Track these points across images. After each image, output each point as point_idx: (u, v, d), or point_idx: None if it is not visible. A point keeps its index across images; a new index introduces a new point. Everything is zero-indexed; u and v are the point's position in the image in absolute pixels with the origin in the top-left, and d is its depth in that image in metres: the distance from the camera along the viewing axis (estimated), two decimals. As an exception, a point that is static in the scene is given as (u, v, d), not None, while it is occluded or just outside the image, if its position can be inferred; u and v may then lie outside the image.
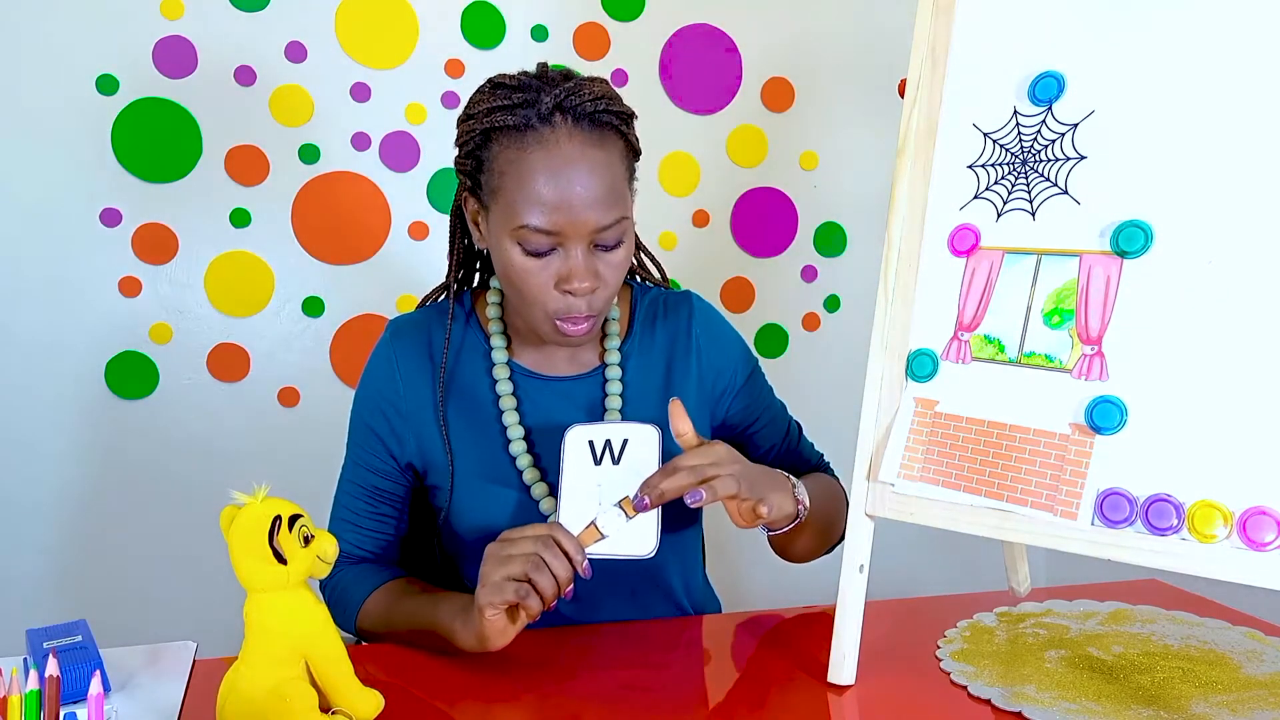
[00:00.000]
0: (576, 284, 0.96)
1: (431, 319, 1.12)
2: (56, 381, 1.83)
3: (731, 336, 1.18)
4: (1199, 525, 0.73)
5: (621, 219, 0.97)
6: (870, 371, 0.92)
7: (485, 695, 0.89)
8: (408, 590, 1.04)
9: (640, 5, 2.03)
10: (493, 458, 1.07)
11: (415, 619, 0.99)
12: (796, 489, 0.97)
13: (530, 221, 0.94)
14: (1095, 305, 0.80)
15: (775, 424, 1.18)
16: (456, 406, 1.08)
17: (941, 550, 2.22)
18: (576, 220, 0.94)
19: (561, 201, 0.94)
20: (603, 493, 0.90)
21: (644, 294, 1.17)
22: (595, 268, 0.97)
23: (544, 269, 0.96)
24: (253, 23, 1.86)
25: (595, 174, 0.95)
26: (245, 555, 0.75)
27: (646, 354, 1.12)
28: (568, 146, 0.94)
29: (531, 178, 0.94)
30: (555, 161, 0.94)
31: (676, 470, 0.88)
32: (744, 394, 1.16)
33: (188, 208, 1.85)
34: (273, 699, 0.75)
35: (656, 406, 1.09)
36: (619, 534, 0.88)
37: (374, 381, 1.11)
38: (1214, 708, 0.85)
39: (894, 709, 0.87)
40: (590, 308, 0.98)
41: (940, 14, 0.91)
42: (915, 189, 0.91)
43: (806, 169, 2.15)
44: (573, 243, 0.96)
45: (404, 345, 1.10)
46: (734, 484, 0.88)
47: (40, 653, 0.87)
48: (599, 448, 0.91)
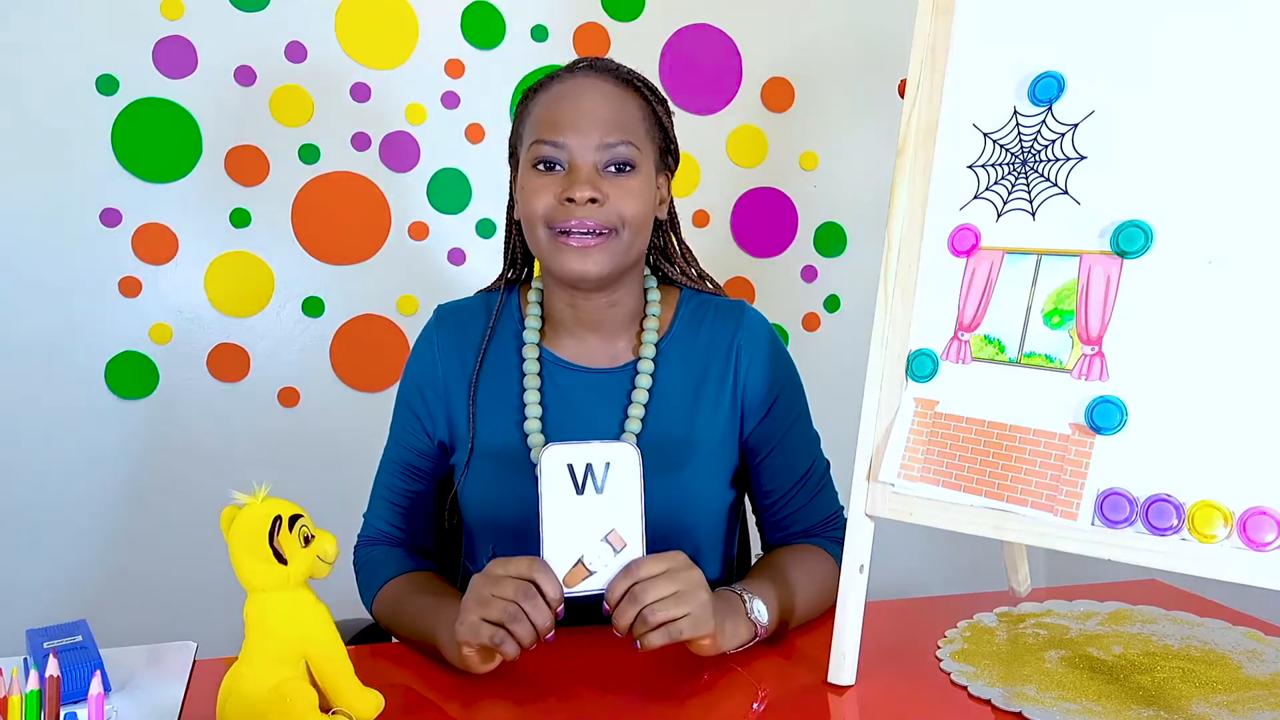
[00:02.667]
0: (577, 191, 0.99)
1: (476, 305, 1.16)
2: (56, 381, 1.83)
3: (774, 360, 1.13)
4: (1199, 525, 0.73)
5: (629, 144, 1.02)
6: (870, 371, 0.91)
7: (485, 695, 0.89)
8: (422, 589, 1.05)
9: (640, 5, 2.03)
10: (508, 441, 1.08)
11: (416, 622, 1.00)
12: (752, 611, 0.94)
13: (541, 134, 1.02)
14: (1095, 305, 0.80)
15: (787, 469, 1.12)
16: (487, 389, 1.10)
17: (941, 550, 2.22)
18: (583, 131, 1.01)
19: (567, 115, 1.01)
20: (587, 522, 0.86)
21: (692, 297, 1.16)
22: (600, 184, 1.01)
23: (549, 185, 1.01)
24: (253, 23, 1.86)
25: (605, 99, 1.03)
26: (245, 555, 0.75)
27: (684, 356, 1.11)
28: (585, 78, 1.04)
29: (547, 101, 1.04)
30: (568, 87, 1.04)
31: (633, 601, 0.85)
32: (764, 424, 1.12)
33: (188, 208, 1.86)
34: (273, 699, 0.75)
35: (683, 410, 1.09)
36: (607, 569, 0.86)
37: (416, 363, 1.14)
38: (1214, 708, 0.85)
39: (894, 709, 0.87)
40: (598, 220, 1.00)
41: (940, 14, 0.91)
42: (915, 189, 0.91)
43: (806, 169, 2.15)
44: (579, 156, 1.01)
45: (446, 329, 1.14)
46: (664, 637, 0.84)
47: (40, 653, 0.87)
48: (579, 473, 0.87)
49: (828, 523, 1.14)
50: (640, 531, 0.87)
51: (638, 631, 0.85)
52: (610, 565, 0.86)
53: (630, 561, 0.86)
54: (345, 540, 0.86)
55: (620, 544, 0.87)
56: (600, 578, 0.86)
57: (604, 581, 0.86)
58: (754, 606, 0.95)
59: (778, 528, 1.14)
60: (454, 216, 1.98)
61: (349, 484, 1.52)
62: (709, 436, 1.10)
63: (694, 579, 0.88)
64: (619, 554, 0.86)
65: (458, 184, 1.97)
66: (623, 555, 0.87)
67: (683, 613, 0.85)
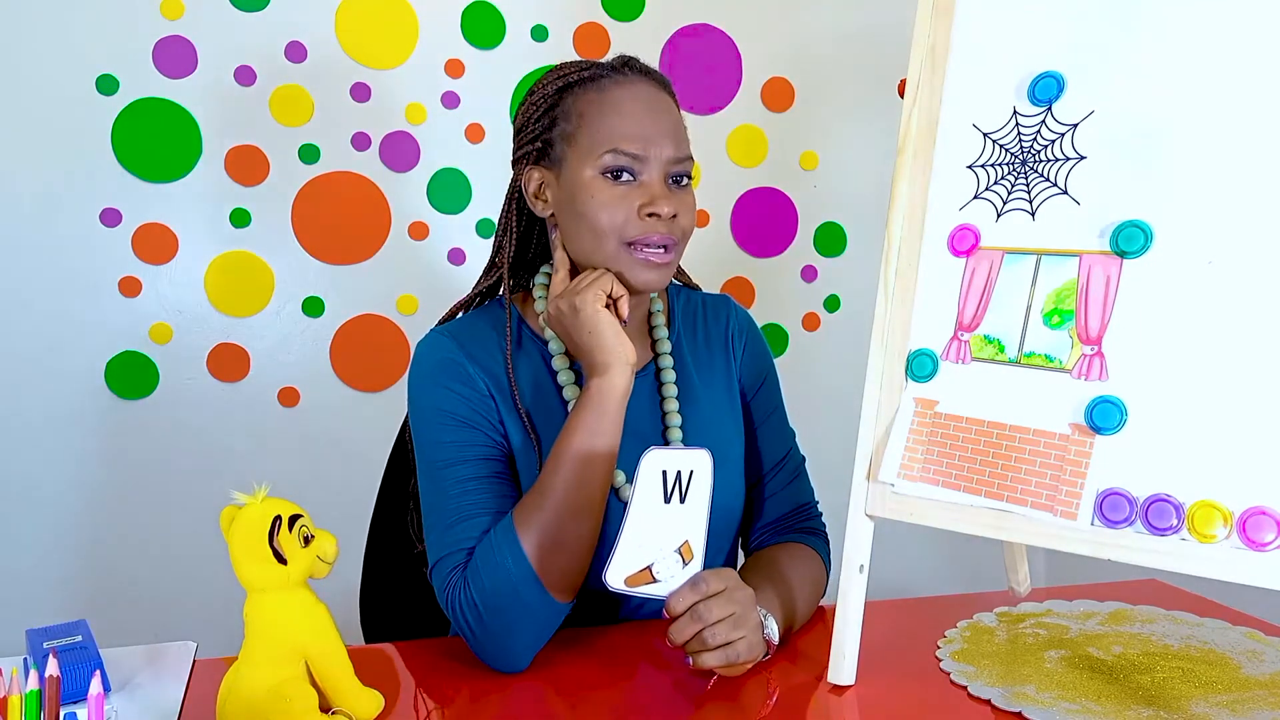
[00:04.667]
0: (662, 206, 0.98)
1: (479, 324, 1.07)
2: (56, 381, 1.83)
3: (761, 347, 1.18)
4: (1199, 525, 0.73)
5: (690, 158, 1.03)
6: (870, 371, 0.91)
7: (486, 695, 0.89)
8: (529, 494, 0.96)
9: (640, 5, 2.03)
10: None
11: (557, 471, 0.93)
12: (766, 629, 0.93)
13: (617, 144, 0.98)
14: (1095, 305, 0.80)
15: (767, 451, 1.14)
16: (529, 405, 1.04)
17: (941, 550, 2.22)
18: (658, 144, 0.99)
19: (643, 127, 0.99)
20: (666, 531, 0.86)
21: (679, 292, 1.17)
22: (671, 198, 0.99)
23: (624, 197, 0.98)
24: (253, 23, 1.86)
25: (668, 112, 1.03)
26: (245, 555, 0.75)
27: (692, 351, 1.12)
28: (643, 85, 1.02)
29: (615, 107, 1.00)
30: (636, 93, 1.01)
31: (695, 619, 0.85)
32: (751, 406, 1.15)
33: (188, 208, 1.86)
34: (273, 699, 0.75)
35: (708, 404, 1.10)
36: (673, 580, 0.86)
37: (455, 381, 1.02)
38: (1214, 708, 0.85)
39: (894, 709, 0.87)
40: (671, 233, 1.00)
41: (940, 14, 0.91)
42: (915, 189, 0.91)
43: (806, 169, 2.15)
44: (652, 169, 0.99)
45: (468, 348, 1.04)
46: (721, 659, 0.86)
47: (40, 653, 0.87)
48: (670, 479, 0.86)
49: (801, 511, 1.15)
50: (704, 543, 0.87)
51: (693, 649, 0.86)
52: (675, 577, 0.86)
53: (695, 576, 0.86)
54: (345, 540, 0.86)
55: (689, 556, 0.86)
56: (663, 587, 0.86)
57: (665, 591, 0.86)
58: (768, 624, 0.94)
59: (754, 513, 1.14)
60: (454, 216, 1.98)
61: (349, 484, 1.53)
62: (736, 428, 1.12)
63: (748, 599, 0.89)
64: (685, 567, 0.86)
65: (458, 184, 1.97)
66: (688, 569, 0.86)
67: (739, 635, 0.86)
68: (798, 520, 1.14)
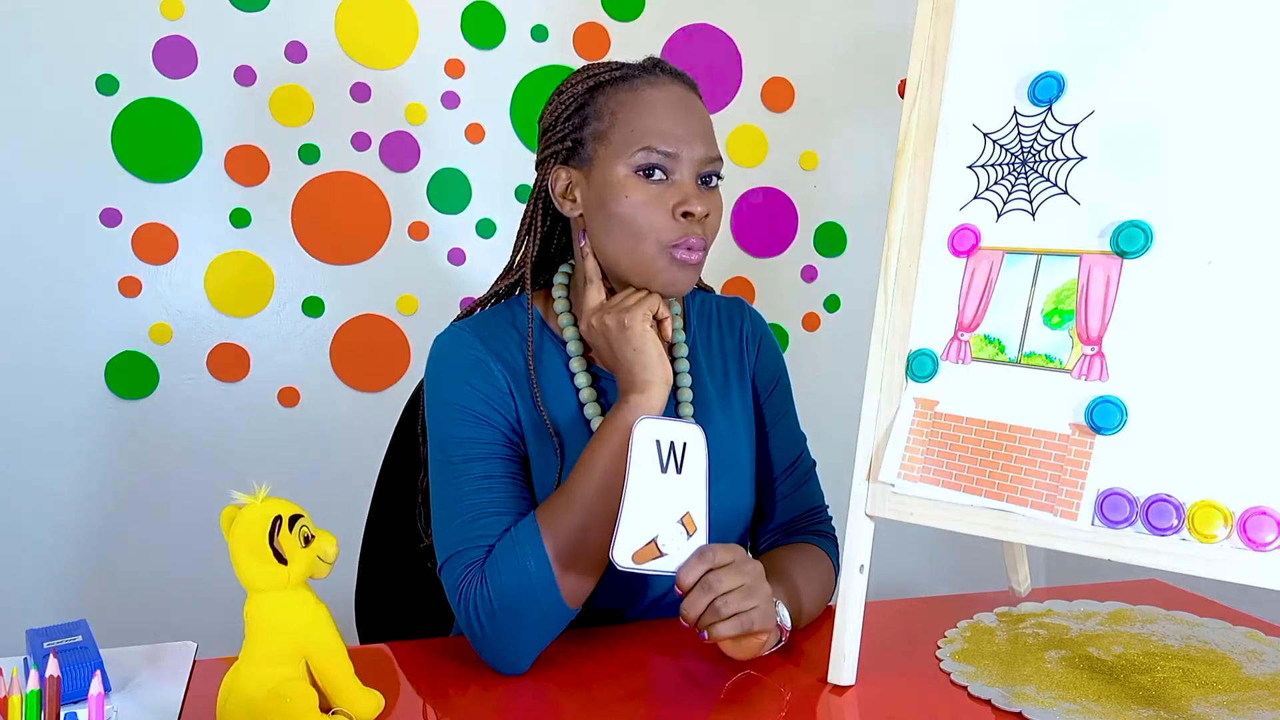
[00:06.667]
0: (697, 206, 0.98)
1: (494, 319, 1.07)
2: (56, 381, 1.83)
3: (775, 351, 1.19)
4: (1199, 525, 0.73)
5: (721, 160, 1.03)
6: (870, 371, 0.91)
7: (486, 695, 0.89)
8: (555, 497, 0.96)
9: (640, 5, 2.03)
10: (578, 451, 1.01)
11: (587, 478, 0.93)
12: (779, 615, 0.93)
13: (651, 142, 0.98)
14: (1095, 305, 0.80)
15: (779, 453, 1.14)
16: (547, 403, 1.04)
17: (941, 550, 2.22)
18: (691, 144, 0.99)
19: (676, 126, 1.00)
20: (666, 501, 0.86)
21: (693, 296, 1.17)
22: (703, 198, 0.99)
23: (659, 197, 0.98)
24: (253, 23, 1.86)
25: (699, 113, 1.03)
26: (246, 555, 0.75)
27: (706, 353, 1.12)
28: (674, 86, 1.03)
29: (649, 106, 1.00)
30: (668, 93, 1.02)
31: (705, 590, 0.85)
32: (764, 408, 1.15)
33: (188, 208, 1.85)
34: (273, 699, 0.75)
35: (722, 407, 1.09)
36: (679, 552, 0.85)
37: (474, 377, 1.02)
38: (1214, 708, 0.85)
39: (894, 709, 0.87)
40: (705, 234, 1.00)
41: (940, 14, 0.91)
42: (915, 189, 0.91)
43: (806, 169, 2.15)
44: (685, 169, 0.99)
45: (487, 344, 1.04)
46: (736, 627, 0.85)
47: (40, 653, 0.87)
48: (664, 449, 0.86)
49: (811, 514, 1.15)
50: (706, 517, 0.87)
51: (707, 622, 0.85)
52: (682, 549, 0.85)
53: (702, 547, 0.86)
54: (345, 540, 0.86)
55: (692, 528, 0.86)
56: (671, 560, 0.85)
57: (674, 565, 0.85)
58: (780, 611, 0.94)
59: (764, 515, 1.14)
60: (454, 216, 1.98)
61: (349, 484, 1.53)
62: (748, 434, 1.11)
63: (759, 571, 0.88)
64: (690, 539, 0.86)
65: (458, 184, 1.97)
66: (693, 541, 0.86)
67: (752, 605, 0.86)
68: (807, 523, 1.14)
